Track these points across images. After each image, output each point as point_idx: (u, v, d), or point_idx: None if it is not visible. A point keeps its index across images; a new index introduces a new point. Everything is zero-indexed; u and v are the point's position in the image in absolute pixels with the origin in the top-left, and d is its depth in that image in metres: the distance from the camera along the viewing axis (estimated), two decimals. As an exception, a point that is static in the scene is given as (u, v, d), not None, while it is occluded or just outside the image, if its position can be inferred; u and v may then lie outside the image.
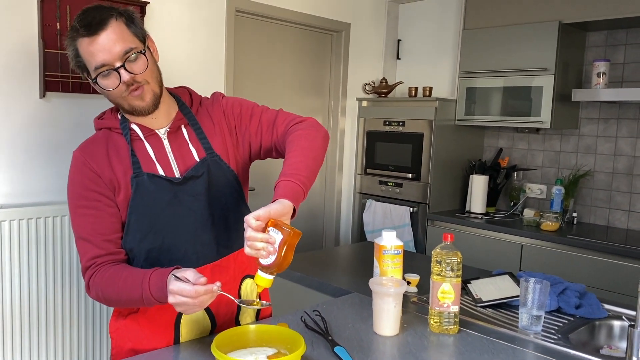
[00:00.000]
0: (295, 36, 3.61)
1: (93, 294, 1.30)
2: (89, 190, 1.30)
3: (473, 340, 1.39)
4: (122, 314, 1.39)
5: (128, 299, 1.25)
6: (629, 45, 3.13)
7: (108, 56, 1.23)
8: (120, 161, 1.32)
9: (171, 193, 1.32)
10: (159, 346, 1.35)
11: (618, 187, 3.21)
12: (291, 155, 1.29)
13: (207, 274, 1.34)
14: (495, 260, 3.09)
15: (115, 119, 1.37)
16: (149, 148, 1.34)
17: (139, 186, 1.30)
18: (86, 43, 1.23)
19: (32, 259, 2.38)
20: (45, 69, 2.41)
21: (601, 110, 3.25)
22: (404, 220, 3.53)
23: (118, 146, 1.34)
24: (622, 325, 1.59)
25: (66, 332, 2.51)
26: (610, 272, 2.71)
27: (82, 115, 2.56)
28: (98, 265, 1.28)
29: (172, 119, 1.38)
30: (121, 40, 1.23)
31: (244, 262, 1.44)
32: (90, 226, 1.29)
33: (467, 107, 3.49)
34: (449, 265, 1.41)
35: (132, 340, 1.37)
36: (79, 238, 1.31)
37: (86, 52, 1.24)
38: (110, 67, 1.23)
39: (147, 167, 1.32)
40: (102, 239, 1.29)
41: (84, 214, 1.30)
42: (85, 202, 1.30)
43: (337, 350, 1.27)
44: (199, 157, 1.37)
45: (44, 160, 2.49)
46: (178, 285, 1.12)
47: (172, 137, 1.37)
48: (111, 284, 1.25)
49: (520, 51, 3.22)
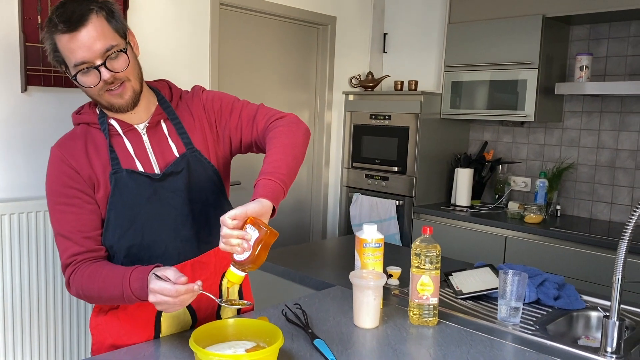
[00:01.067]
0: (281, 30, 3.60)
1: (73, 291, 1.29)
2: (68, 187, 1.29)
3: (452, 332, 1.41)
4: (103, 310, 1.39)
5: (109, 297, 1.24)
6: (612, 39, 3.15)
7: (88, 54, 1.19)
8: (99, 157, 1.30)
9: (151, 189, 1.31)
10: (140, 341, 1.35)
11: (601, 179, 3.25)
12: (271, 152, 1.28)
13: (188, 269, 1.34)
14: (480, 252, 3.11)
15: (93, 113, 1.35)
16: (128, 144, 1.33)
17: (118, 182, 1.29)
18: (65, 39, 1.19)
19: (14, 255, 2.37)
20: (27, 62, 2.39)
21: (584, 104, 3.28)
22: (390, 213, 3.55)
23: (97, 142, 1.32)
24: (599, 316, 1.61)
25: (50, 328, 2.50)
26: (592, 263, 2.75)
27: (64, 109, 2.54)
28: (78, 262, 1.28)
29: (151, 114, 1.36)
30: (102, 38, 1.20)
31: (225, 258, 1.44)
32: (70, 223, 1.28)
33: (452, 101, 3.51)
34: (428, 257, 1.42)
35: (113, 336, 1.37)
36: (58, 235, 1.30)
37: (65, 48, 1.20)
38: (90, 65, 1.21)
39: (126, 163, 1.31)
40: (82, 236, 1.28)
41: (63, 211, 1.29)
42: (64, 199, 1.29)
43: (317, 343, 1.27)
44: (179, 152, 1.36)
45: (26, 155, 2.47)
46: (159, 284, 1.12)
47: (152, 132, 1.36)
48: (92, 282, 1.25)
49: (505, 45, 3.23)
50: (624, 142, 3.15)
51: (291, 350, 1.25)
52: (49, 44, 1.24)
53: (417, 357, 1.25)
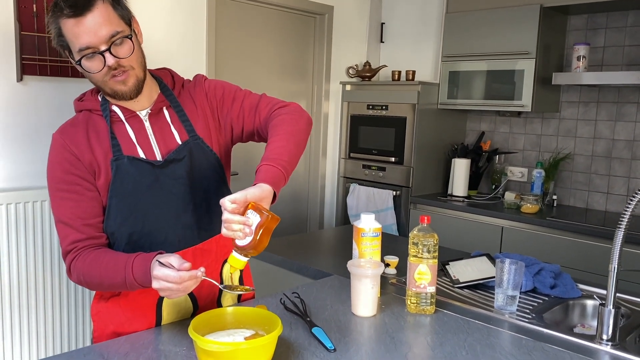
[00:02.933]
0: (278, 19, 3.58)
1: (74, 278, 1.29)
2: (69, 174, 1.28)
3: (449, 320, 1.42)
4: (104, 297, 1.40)
5: (110, 283, 1.25)
6: (609, 29, 3.15)
7: (94, 39, 1.19)
8: (100, 144, 1.30)
9: (152, 176, 1.31)
10: (141, 329, 1.35)
11: (597, 170, 3.26)
12: (274, 139, 1.29)
13: (189, 257, 1.35)
14: (477, 242, 3.13)
15: (95, 100, 1.35)
16: (130, 130, 1.33)
17: (119, 169, 1.29)
18: (71, 24, 1.19)
19: (12, 245, 2.37)
20: (22, 51, 2.37)
21: (581, 94, 3.29)
22: (387, 203, 3.56)
23: (98, 128, 1.32)
24: (594, 304, 1.63)
25: (49, 315, 2.51)
26: (588, 253, 2.76)
27: (61, 98, 2.53)
28: (79, 249, 1.28)
29: (153, 101, 1.36)
30: (107, 23, 1.20)
31: (226, 246, 1.44)
32: (71, 210, 1.28)
33: (449, 91, 3.51)
34: (426, 247, 1.43)
35: (114, 322, 1.37)
36: (59, 222, 1.30)
37: (70, 33, 1.20)
38: (95, 50, 1.21)
39: (127, 149, 1.31)
40: (83, 223, 1.29)
41: (64, 198, 1.29)
42: (65, 186, 1.29)
43: (315, 331, 1.28)
44: (181, 139, 1.36)
45: (23, 144, 2.46)
46: (162, 271, 1.13)
47: (154, 119, 1.36)
48: (93, 268, 1.25)
49: (502, 35, 3.23)
50: (620, 132, 3.16)
51: (290, 338, 1.26)
52: (53, 28, 1.23)
53: (414, 345, 1.26)
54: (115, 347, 1.21)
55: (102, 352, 1.18)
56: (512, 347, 1.27)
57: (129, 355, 1.17)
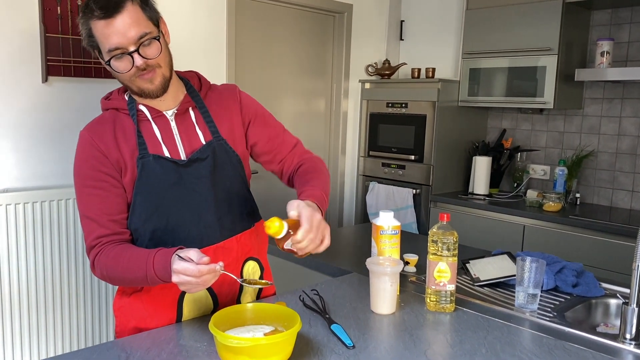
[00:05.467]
0: (297, 18, 3.59)
1: (98, 273, 1.32)
2: (96, 171, 1.31)
3: (469, 318, 1.41)
4: (126, 293, 1.42)
5: (132, 278, 1.27)
6: (634, 24, 3.09)
7: (123, 40, 1.23)
8: (127, 142, 1.33)
9: (176, 175, 1.34)
10: (162, 324, 1.37)
11: (621, 167, 3.20)
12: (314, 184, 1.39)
13: (211, 255, 1.35)
14: (498, 241, 3.10)
15: (122, 99, 1.38)
16: (156, 129, 1.36)
17: (145, 167, 1.32)
18: (101, 25, 1.22)
19: (37, 242, 2.42)
20: (47, 53, 2.42)
21: (605, 90, 3.23)
22: (407, 202, 3.55)
23: (125, 127, 1.35)
24: (618, 303, 1.60)
25: (72, 312, 2.56)
26: (612, 251, 2.72)
27: (84, 99, 2.58)
28: (103, 244, 1.31)
29: (179, 102, 1.39)
30: (136, 25, 1.23)
31: (246, 245, 1.46)
32: (96, 206, 1.31)
33: (470, 88, 3.48)
34: (445, 244, 1.42)
35: (136, 318, 1.40)
36: (84, 217, 1.33)
37: (100, 34, 1.24)
38: (124, 51, 1.24)
39: (153, 148, 1.34)
40: (108, 219, 1.31)
41: (90, 194, 1.32)
42: (91, 182, 1.31)
43: (334, 328, 1.29)
44: (205, 140, 1.39)
45: (48, 144, 2.51)
46: (182, 264, 1.14)
47: (179, 119, 1.38)
48: (116, 263, 1.28)
49: (524, 31, 3.19)
50: (645, 129, 3.10)
51: (309, 335, 1.27)
52: (84, 29, 1.27)
53: (433, 343, 1.26)
54: (137, 342, 1.23)
55: (125, 347, 1.20)
56: (533, 345, 1.26)
57: (150, 350, 1.19)
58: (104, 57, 1.28)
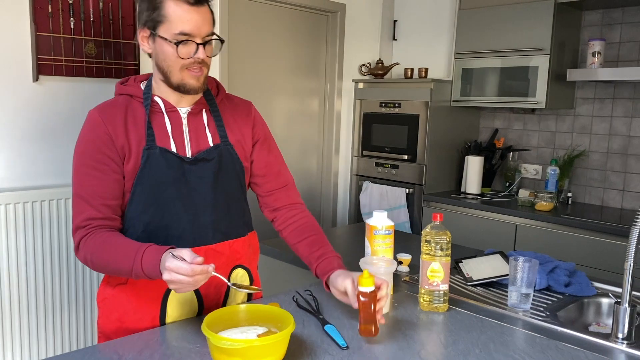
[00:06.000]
0: (290, 17, 3.58)
1: (81, 256, 1.30)
2: (99, 152, 1.31)
3: (462, 318, 1.41)
4: (110, 284, 1.40)
5: (116, 268, 1.25)
6: (625, 24, 3.11)
7: (196, 31, 1.27)
8: (136, 130, 1.33)
9: (180, 171, 1.34)
10: (145, 319, 1.37)
11: (613, 167, 3.22)
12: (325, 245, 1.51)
13: (201, 255, 1.33)
14: (490, 240, 3.11)
15: (138, 87, 1.38)
16: (168, 123, 1.36)
17: (150, 158, 1.32)
18: (183, 9, 1.26)
19: (28, 243, 2.40)
20: (38, 52, 2.40)
21: (597, 90, 3.25)
22: (400, 201, 3.55)
23: (136, 114, 1.35)
24: (610, 302, 1.61)
25: (64, 313, 2.54)
26: (604, 251, 2.73)
27: (76, 98, 2.56)
28: (92, 227, 1.29)
29: (195, 102, 1.41)
30: (209, 23, 1.31)
31: (238, 252, 1.46)
32: (92, 187, 1.30)
33: (462, 88, 3.49)
34: (439, 244, 1.42)
35: (119, 310, 1.39)
36: (77, 196, 1.31)
37: (178, 15, 1.26)
38: (191, 40, 1.28)
39: (161, 141, 1.34)
40: (101, 202, 1.30)
41: (89, 174, 1.31)
42: (92, 163, 1.30)
43: (328, 329, 1.29)
44: (214, 143, 1.40)
45: (39, 143, 2.49)
46: (175, 262, 1.13)
47: (192, 118, 1.40)
48: (103, 250, 1.26)
49: (516, 31, 3.20)
50: (636, 128, 3.12)
51: (302, 336, 1.27)
52: (150, 2, 1.28)
53: (427, 343, 1.26)
54: (129, 344, 1.22)
55: (117, 349, 1.20)
56: (526, 345, 1.26)
57: (143, 352, 1.18)
58: (158, 33, 1.28)
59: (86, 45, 2.54)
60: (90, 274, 2.61)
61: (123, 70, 2.66)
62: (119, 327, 1.38)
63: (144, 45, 1.34)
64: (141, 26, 1.32)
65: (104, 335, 1.41)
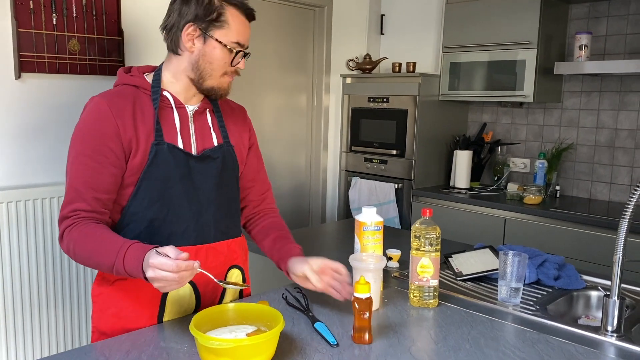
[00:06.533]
0: (277, 12, 3.56)
1: (64, 246, 1.27)
2: (101, 144, 1.27)
3: (452, 313, 1.41)
4: (108, 280, 1.38)
5: (97, 262, 1.23)
6: (611, 17, 3.12)
7: (246, 43, 1.38)
8: (144, 124, 1.31)
9: (186, 168, 1.34)
10: (142, 317, 1.35)
11: (600, 159, 3.24)
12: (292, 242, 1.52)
13: (202, 253, 1.38)
14: (479, 234, 3.11)
15: (144, 79, 1.36)
16: (177, 119, 1.36)
17: (158, 154, 1.30)
18: (241, 20, 1.36)
19: (13, 243, 2.36)
20: (20, 49, 2.36)
21: (584, 83, 3.26)
22: (389, 196, 3.55)
23: (144, 107, 1.32)
24: (599, 295, 1.61)
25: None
26: (592, 243, 2.75)
27: (60, 95, 2.52)
28: (79, 218, 1.26)
29: (200, 101, 1.42)
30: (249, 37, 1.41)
31: (235, 251, 1.47)
32: (86, 178, 1.27)
33: (450, 82, 3.48)
34: (428, 240, 1.41)
35: (117, 306, 1.37)
36: (69, 185, 1.28)
37: (238, 25, 1.35)
38: (243, 51, 1.37)
39: (169, 136, 1.33)
40: (93, 195, 1.27)
41: (85, 164, 1.27)
42: (91, 153, 1.27)
43: (317, 326, 1.27)
44: (217, 142, 1.42)
45: (22, 142, 2.45)
46: (159, 259, 1.11)
47: (197, 117, 1.41)
48: (86, 241, 1.23)
49: (503, 25, 3.20)
50: (623, 121, 3.14)
51: (292, 334, 1.26)
52: (216, 5, 1.32)
53: (418, 339, 1.26)
54: (116, 345, 1.20)
55: (104, 351, 1.18)
56: (516, 339, 1.26)
57: (130, 353, 1.16)
58: (219, 39, 1.32)
59: (69, 42, 2.50)
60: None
61: (107, 66, 2.62)
62: (114, 324, 1.36)
63: (187, 42, 1.34)
64: (190, 23, 1.32)
65: (98, 331, 1.38)
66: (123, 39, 2.66)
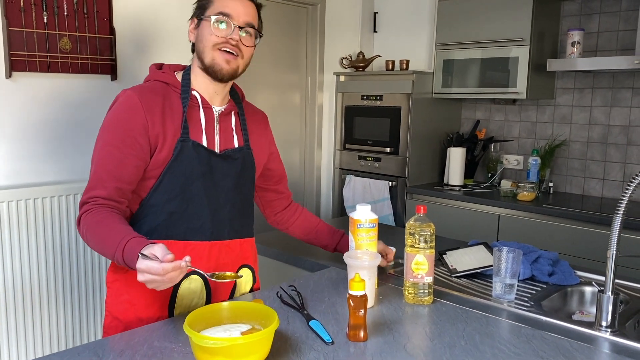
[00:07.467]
0: (270, 10, 3.53)
1: (81, 231, 1.31)
2: (130, 136, 1.31)
3: (447, 310, 1.41)
4: (122, 268, 1.38)
5: (104, 250, 1.26)
6: (604, 14, 3.13)
7: (236, 15, 1.35)
8: (172, 120, 1.35)
9: (208, 166, 1.38)
10: (153, 305, 1.38)
11: (593, 156, 3.25)
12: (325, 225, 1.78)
13: (216, 249, 1.43)
14: (473, 231, 3.12)
15: (174, 77, 1.41)
16: (203, 118, 1.39)
17: (183, 151, 1.34)
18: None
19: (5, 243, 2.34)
20: (10, 48, 2.34)
21: (576, 80, 3.27)
22: (383, 194, 3.55)
23: (173, 105, 1.37)
24: (593, 291, 1.62)
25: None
26: (585, 239, 2.76)
27: (51, 94, 2.50)
28: (96, 205, 1.29)
29: (227, 102, 1.47)
30: (251, 16, 1.38)
31: (247, 251, 1.52)
32: (110, 167, 1.30)
33: (444, 80, 3.49)
34: (423, 237, 1.41)
35: (130, 293, 1.39)
36: (94, 172, 1.32)
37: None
38: (230, 21, 1.35)
39: (194, 134, 1.37)
40: (114, 185, 1.30)
41: (111, 153, 1.31)
42: (118, 143, 1.31)
43: (312, 324, 1.27)
44: (238, 145, 1.47)
45: (13, 142, 2.43)
46: (145, 263, 1.12)
47: (222, 119, 1.45)
48: (97, 228, 1.26)
49: (496, 22, 3.21)
50: (615, 118, 3.15)
51: (287, 332, 1.25)
52: None
53: (413, 336, 1.25)
54: (109, 345, 1.20)
55: (97, 351, 1.17)
56: (511, 335, 1.26)
57: (124, 353, 1.15)
58: (204, 14, 1.36)
59: (60, 40, 2.48)
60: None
61: (99, 65, 2.60)
62: (127, 310, 1.39)
63: (191, 36, 1.41)
64: (191, 19, 1.41)
65: (111, 315, 1.42)
66: (115, 38, 2.64)
